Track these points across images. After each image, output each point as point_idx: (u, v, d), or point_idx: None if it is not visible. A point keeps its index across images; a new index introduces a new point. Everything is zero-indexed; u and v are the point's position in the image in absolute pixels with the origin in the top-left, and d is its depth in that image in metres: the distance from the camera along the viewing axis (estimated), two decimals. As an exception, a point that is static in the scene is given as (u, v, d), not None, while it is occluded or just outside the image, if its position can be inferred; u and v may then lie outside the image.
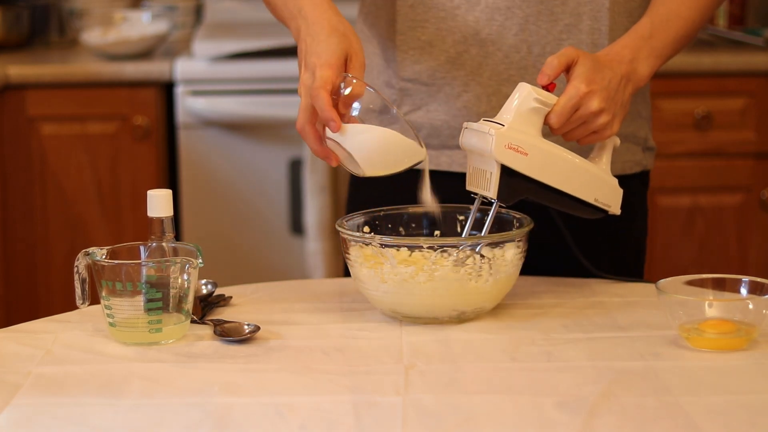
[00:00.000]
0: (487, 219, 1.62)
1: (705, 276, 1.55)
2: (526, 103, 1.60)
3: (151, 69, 3.29)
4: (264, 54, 3.27)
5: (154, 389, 1.38)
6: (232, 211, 3.32)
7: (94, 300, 1.56)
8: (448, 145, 1.82)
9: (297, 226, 3.30)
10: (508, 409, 1.31)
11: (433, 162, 1.81)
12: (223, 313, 1.63)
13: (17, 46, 3.55)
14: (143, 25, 3.46)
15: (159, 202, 1.55)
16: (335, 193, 3.18)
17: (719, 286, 1.55)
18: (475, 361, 1.47)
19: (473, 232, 1.65)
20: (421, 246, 1.56)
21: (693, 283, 1.55)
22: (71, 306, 1.59)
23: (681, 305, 1.49)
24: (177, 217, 3.10)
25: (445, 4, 1.79)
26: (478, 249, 1.57)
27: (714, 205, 3.25)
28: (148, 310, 1.50)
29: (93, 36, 3.38)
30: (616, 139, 1.69)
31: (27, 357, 1.48)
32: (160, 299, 1.50)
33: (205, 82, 3.27)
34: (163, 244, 1.55)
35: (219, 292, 1.69)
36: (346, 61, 1.59)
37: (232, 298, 1.68)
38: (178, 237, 1.90)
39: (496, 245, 1.58)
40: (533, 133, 1.60)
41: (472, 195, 1.64)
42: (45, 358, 1.48)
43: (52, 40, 3.64)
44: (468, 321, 1.59)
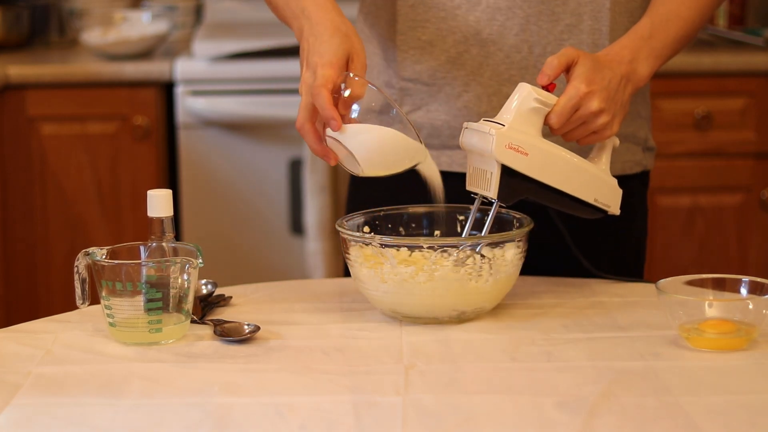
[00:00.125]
0: (487, 219, 1.62)
1: (705, 276, 1.55)
2: (526, 103, 1.60)
3: (151, 69, 3.29)
4: (264, 54, 3.27)
5: (154, 389, 1.38)
6: (232, 211, 3.31)
7: (94, 300, 1.56)
8: (449, 145, 1.82)
9: (297, 226, 3.30)
10: (508, 409, 1.31)
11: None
12: (223, 313, 1.63)
13: (17, 46, 3.55)
14: (143, 25, 3.46)
15: (159, 202, 1.55)
16: (335, 193, 3.18)
17: (719, 286, 1.55)
18: (475, 361, 1.47)
19: (473, 232, 1.65)
20: (421, 246, 1.56)
21: (693, 283, 1.55)
22: (71, 306, 1.59)
23: (681, 305, 1.49)
24: (177, 217, 3.10)
25: (445, 4, 1.79)
26: (478, 249, 1.57)
27: (714, 205, 3.25)
28: (148, 310, 1.50)
29: (93, 36, 3.38)
30: (616, 140, 1.69)
31: (27, 357, 1.48)
32: (160, 299, 1.50)
33: (205, 82, 3.27)
34: (163, 244, 1.55)
35: (219, 292, 1.69)
36: (347, 62, 1.59)
37: (232, 298, 1.68)
38: (178, 237, 1.90)
39: (496, 245, 1.58)
40: (533, 133, 1.60)
41: (472, 195, 1.64)
42: (45, 358, 1.48)
43: (52, 40, 3.64)
44: (468, 321, 1.59)
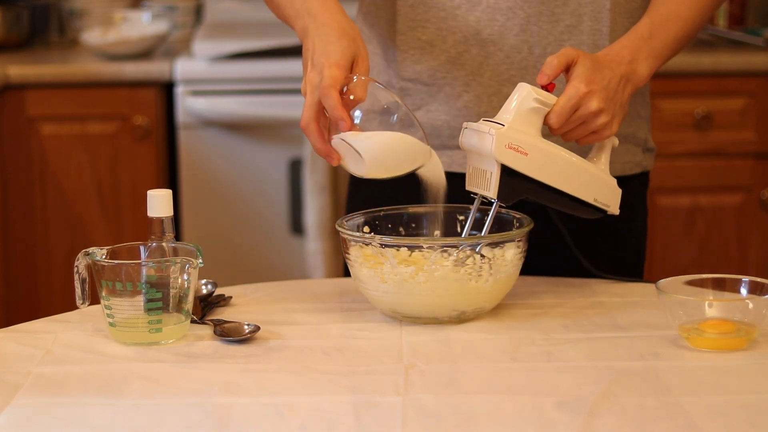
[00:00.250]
0: (487, 219, 1.62)
1: (705, 276, 1.55)
2: (525, 103, 1.60)
3: (151, 69, 3.29)
4: (264, 54, 3.27)
5: (154, 389, 1.38)
6: (232, 211, 3.31)
7: (94, 300, 1.56)
8: (448, 145, 1.82)
9: (297, 226, 3.30)
10: (508, 409, 1.31)
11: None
12: (223, 313, 1.63)
13: (17, 46, 3.55)
14: (143, 25, 3.46)
15: (159, 202, 1.55)
16: (335, 193, 3.18)
17: (719, 286, 1.55)
18: (475, 361, 1.47)
19: (473, 232, 1.65)
20: (421, 246, 1.56)
21: (693, 283, 1.55)
22: (71, 306, 1.59)
23: (681, 305, 1.49)
24: (177, 217, 3.10)
25: (445, 4, 1.79)
26: (478, 249, 1.57)
27: (714, 205, 3.25)
28: (148, 310, 1.50)
29: (93, 36, 3.38)
30: (615, 139, 1.69)
31: (27, 357, 1.48)
32: (160, 299, 1.50)
33: (205, 82, 3.27)
34: (163, 244, 1.55)
35: (219, 292, 1.69)
36: (352, 65, 1.58)
37: (232, 298, 1.68)
38: (178, 237, 1.90)
39: (496, 245, 1.58)
40: (533, 133, 1.60)
41: (471, 195, 1.64)
42: (45, 358, 1.48)
43: (52, 40, 3.64)
44: (468, 321, 1.59)
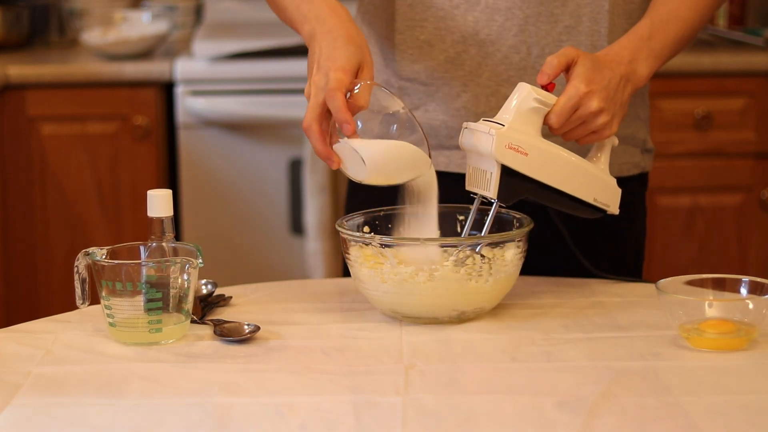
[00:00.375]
0: (486, 219, 1.62)
1: (705, 276, 1.55)
2: (525, 103, 1.60)
3: (151, 69, 3.29)
4: (264, 54, 3.27)
5: (154, 389, 1.38)
6: (232, 211, 3.31)
7: (94, 300, 1.56)
8: (446, 145, 1.82)
9: (297, 226, 3.30)
10: (508, 409, 1.31)
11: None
12: (223, 313, 1.63)
13: (17, 46, 3.55)
14: (143, 25, 3.46)
15: (159, 202, 1.55)
16: (335, 193, 3.18)
17: (719, 286, 1.55)
18: (475, 361, 1.47)
19: (473, 232, 1.65)
20: (422, 246, 1.56)
21: (693, 283, 1.55)
22: (71, 306, 1.59)
23: (681, 305, 1.49)
24: (177, 217, 3.10)
25: (444, 4, 1.79)
26: (478, 249, 1.57)
27: (714, 205, 3.25)
28: (148, 310, 1.50)
29: (93, 36, 3.38)
30: (615, 139, 1.69)
31: (27, 357, 1.48)
32: (160, 299, 1.50)
33: (205, 82, 3.27)
34: (163, 244, 1.55)
35: (219, 292, 1.69)
36: (358, 72, 1.58)
37: (232, 298, 1.68)
38: (178, 237, 1.90)
39: (496, 245, 1.58)
40: (533, 133, 1.60)
41: (471, 195, 1.64)
42: (45, 358, 1.48)
43: (52, 40, 3.64)
44: (468, 321, 1.59)
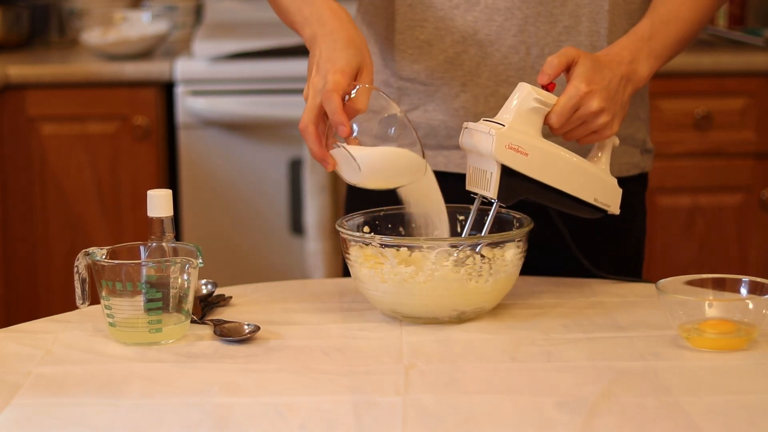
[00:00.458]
0: (486, 219, 1.62)
1: (705, 276, 1.55)
2: (526, 103, 1.60)
3: (151, 69, 3.29)
4: (264, 54, 3.27)
5: (154, 389, 1.38)
6: (232, 211, 3.31)
7: (94, 300, 1.56)
8: (445, 145, 1.82)
9: (297, 226, 3.30)
10: (508, 409, 1.31)
11: (430, 162, 1.80)
12: (223, 313, 1.63)
13: (17, 46, 3.55)
14: (143, 25, 3.46)
15: (159, 202, 1.55)
16: (335, 193, 3.18)
17: (719, 286, 1.55)
18: (475, 361, 1.47)
19: (473, 232, 1.65)
20: (421, 246, 1.56)
21: (693, 283, 1.55)
22: (71, 306, 1.59)
23: (681, 305, 1.49)
24: (177, 217, 3.10)
25: (443, 4, 1.79)
26: (478, 249, 1.57)
27: (714, 205, 3.25)
28: (148, 310, 1.50)
29: (93, 36, 3.38)
30: (616, 139, 1.69)
31: (27, 357, 1.48)
32: (160, 299, 1.50)
33: (205, 82, 3.27)
34: (163, 244, 1.55)
35: (219, 292, 1.69)
36: (357, 75, 1.58)
37: (232, 298, 1.68)
38: (178, 237, 1.90)
39: (496, 245, 1.58)
40: (533, 133, 1.60)
41: (472, 195, 1.64)
42: (45, 358, 1.48)
43: (52, 40, 3.64)
44: (468, 321, 1.59)
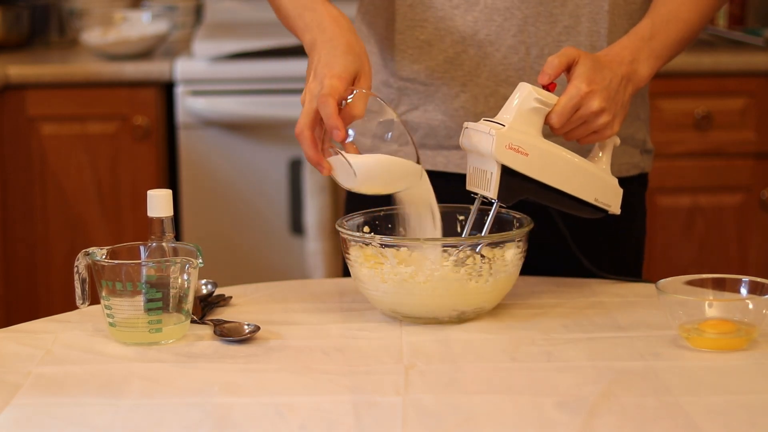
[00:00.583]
0: (487, 219, 1.62)
1: (705, 276, 1.55)
2: (526, 103, 1.60)
3: (151, 69, 3.29)
4: (264, 54, 3.27)
5: (154, 389, 1.38)
6: (232, 211, 3.31)
7: (94, 300, 1.56)
8: (445, 145, 1.82)
9: (297, 226, 3.30)
10: (508, 409, 1.31)
11: (429, 162, 1.81)
12: (223, 313, 1.63)
13: (17, 46, 3.55)
14: (143, 25, 3.46)
15: (159, 202, 1.55)
16: (335, 193, 3.18)
17: (719, 286, 1.55)
18: (475, 361, 1.47)
19: (473, 232, 1.65)
20: (421, 246, 1.56)
21: (693, 283, 1.55)
22: (71, 306, 1.59)
23: (681, 305, 1.49)
24: (177, 217, 3.10)
25: (443, 4, 1.79)
26: (478, 249, 1.57)
27: (714, 205, 3.25)
28: (148, 310, 1.50)
29: (93, 36, 3.38)
30: (616, 139, 1.69)
31: (27, 357, 1.48)
32: (160, 299, 1.50)
33: (205, 82, 3.27)
34: (163, 244, 1.55)
35: (219, 292, 1.69)
36: (354, 80, 1.59)
37: (232, 298, 1.68)
38: (178, 237, 1.90)
39: (496, 245, 1.58)
40: (533, 134, 1.60)
41: (472, 195, 1.64)
42: (45, 358, 1.48)
43: (52, 40, 3.64)
44: (468, 321, 1.59)
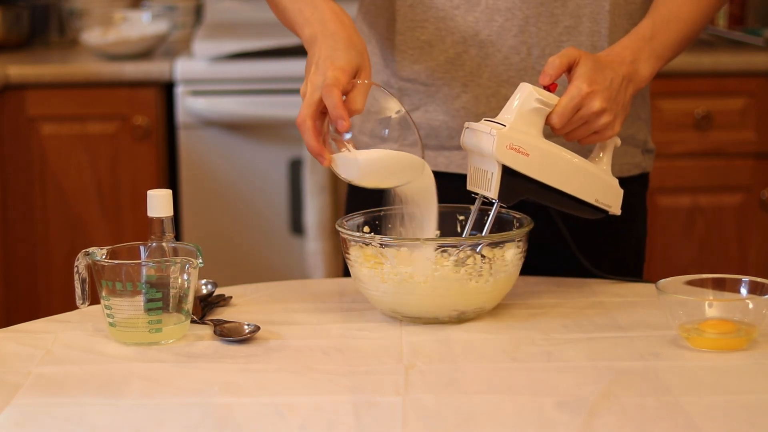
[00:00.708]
0: (487, 219, 1.62)
1: (705, 276, 1.55)
2: (527, 104, 1.60)
3: (151, 69, 3.29)
4: (264, 54, 3.27)
5: (154, 389, 1.38)
6: (232, 211, 3.31)
7: (94, 300, 1.56)
8: (446, 146, 1.82)
9: (297, 226, 3.30)
10: (508, 409, 1.31)
11: (431, 163, 1.80)
12: (223, 313, 1.63)
13: (17, 46, 3.55)
14: (143, 25, 3.46)
15: (159, 202, 1.55)
16: (335, 193, 3.18)
17: (719, 286, 1.55)
18: (475, 361, 1.47)
19: (473, 232, 1.65)
20: (422, 246, 1.56)
21: (693, 283, 1.55)
22: (71, 306, 1.59)
23: (681, 305, 1.49)
24: (177, 217, 3.10)
25: (444, 5, 1.79)
26: (478, 249, 1.57)
27: (714, 205, 3.25)
28: (148, 310, 1.50)
29: (93, 36, 3.38)
30: (617, 140, 1.69)
31: (27, 357, 1.48)
32: (160, 299, 1.50)
33: (205, 82, 3.27)
34: (163, 244, 1.55)
35: (219, 292, 1.69)
36: (356, 75, 1.59)
37: (232, 298, 1.68)
38: (178, 237, 1.90)
39: (496, 245, 1.58)
40: (534, 134, 1.60)
41: (472, 195, 1.64)
42: (45, 358, 1.48)
43: (52, 40, 3.64)
44: (468, 321, 1.59)
